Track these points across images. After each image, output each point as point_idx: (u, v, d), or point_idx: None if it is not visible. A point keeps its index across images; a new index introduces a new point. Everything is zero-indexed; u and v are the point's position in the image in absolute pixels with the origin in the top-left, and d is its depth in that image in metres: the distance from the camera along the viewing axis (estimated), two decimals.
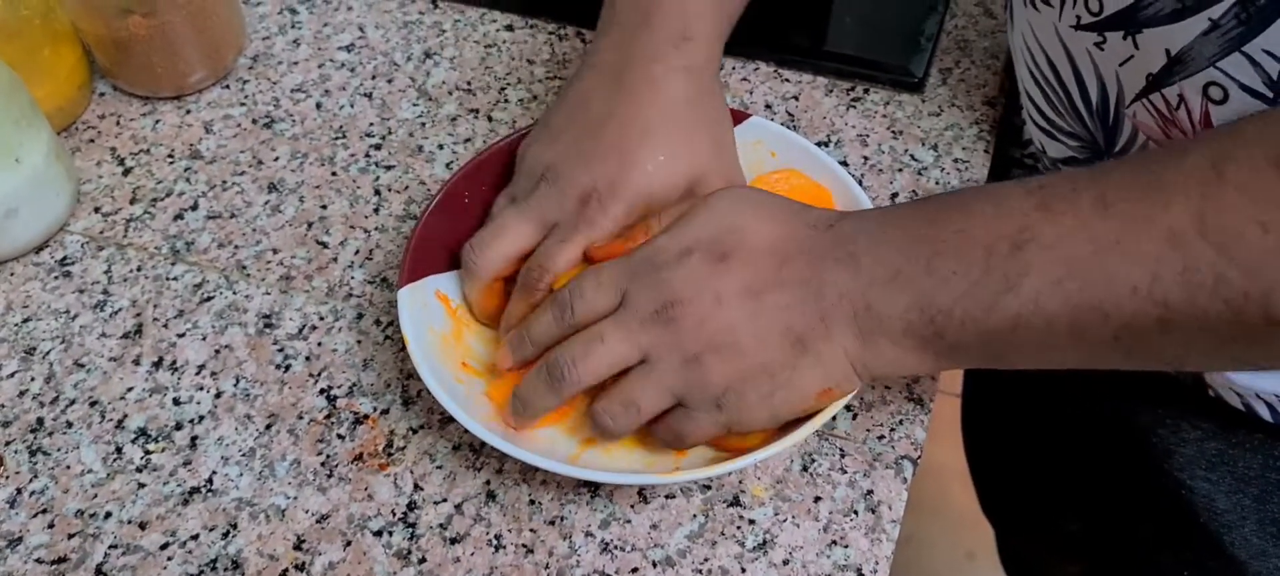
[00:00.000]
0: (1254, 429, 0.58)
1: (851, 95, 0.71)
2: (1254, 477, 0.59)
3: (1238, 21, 0.45)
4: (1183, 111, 0.50)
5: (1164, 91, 0.50)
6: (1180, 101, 0.50)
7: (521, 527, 0.52)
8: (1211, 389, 0.58)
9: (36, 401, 0.56)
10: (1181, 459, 0.61)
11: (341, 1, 0.78)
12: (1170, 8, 0.47)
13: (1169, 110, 0.50)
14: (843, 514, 0.52)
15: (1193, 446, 0.61)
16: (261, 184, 0.66)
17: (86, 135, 0.69)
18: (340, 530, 0.51)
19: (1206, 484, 0.60)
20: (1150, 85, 0.51)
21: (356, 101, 0.71)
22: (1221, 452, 0.60)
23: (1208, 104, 0.49)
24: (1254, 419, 0.57)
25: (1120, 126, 0.55)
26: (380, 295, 0.60)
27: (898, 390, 0.56)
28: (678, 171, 0.55)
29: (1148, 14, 0.49)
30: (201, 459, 0.54)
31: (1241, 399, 0.57)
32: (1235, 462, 0.59)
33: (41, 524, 0.52)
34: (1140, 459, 0.63)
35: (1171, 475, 0.61)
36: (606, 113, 0.55)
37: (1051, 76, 0.58)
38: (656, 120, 0.55)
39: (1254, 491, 0.59)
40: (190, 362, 0.57)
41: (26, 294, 0.61)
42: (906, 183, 0.65)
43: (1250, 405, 0.57)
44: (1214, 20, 0.46)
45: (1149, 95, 0.51)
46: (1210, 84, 0.48)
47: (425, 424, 0.55)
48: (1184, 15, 0.47)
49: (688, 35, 0.57)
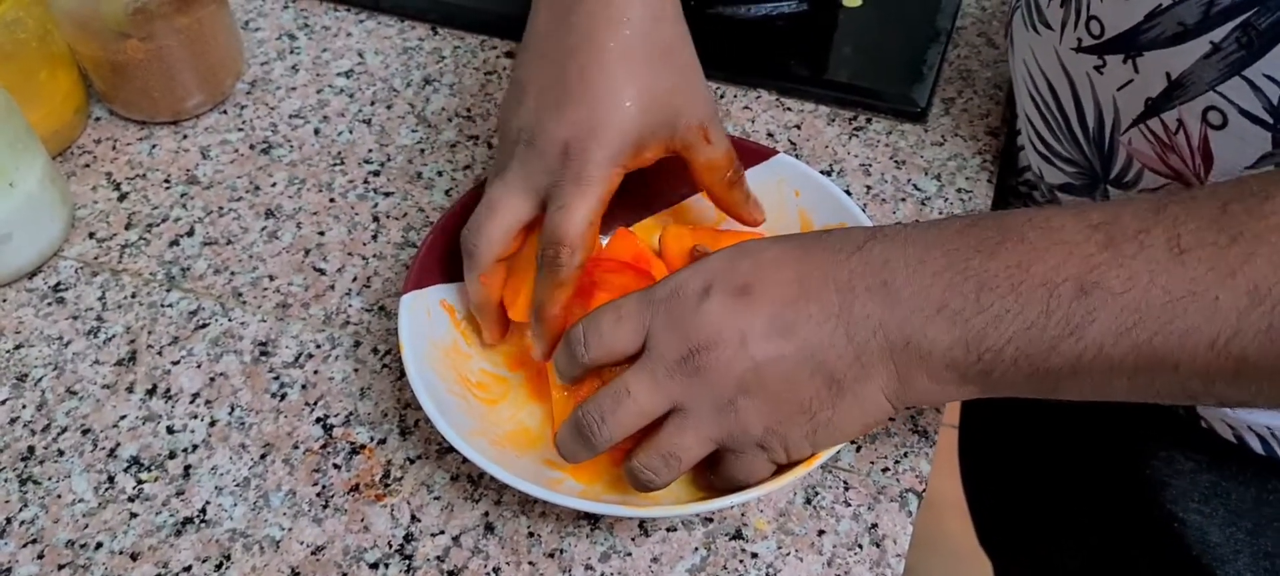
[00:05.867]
0: (1246, 462, 0.57)
1: (854, 124, 0.70)
2: (1247, 511, 0.58)
3: (1239, 45, 0.45)
4: (1182, 136, 0.49)
5: (1162, 116, 0.50)
6: (1179, 126, 0.49)
7: (520, 560, 0.51)
8: (1204, 420, 0.57)
9: (28, 429, 0.55)
10: (1175, 491, 0.60)
11: (341, 27, 0.77)
12: (1172, 31, 0.47)
13: (1167, 136, 0.50)
14: (847, 548, 0.51)
15: (1186, 478, 0.60)
16: (258, 210, 0.65)
17: (82, 160, 0.68)
18: (335, 562, 0.50)
19: (1199, 517, 0.59)
20: (1149, 110, 0.50)
21: (355, 127, 0.70)
22: (1215, 485, 0.59)
23: (1207, 129, 0.48)
24: (1246, 451, 0.56)
25: (1115, 154, 0.54)
26: (378, 323, 0.60)
27: (902, 422, 0.55)
28: (649, 108, 0.52)
29: (1149, 37, 0.49)
30: (195, 489, 0.53)
31: (1233, 431, 0.56)
32: (1228, 495, 0.59)
33: (31, 554, 0.51)
34: (1135, 491, 0.62)
35: (1165, 507, 0.60)
36: (566, 53, 0.52)
37: (1051, 101, 0.57)
38: (620, 58, 0.52)
39: (1247, 525, 0.58)
40: (184, 390, 0.57)
41: (19, 320, 0.60)
42: (909, 212, 0.65)
43: (1242, 437, 0.56)
44: (1215, 43, 0.46)
45: (1147, 121, 0.51)
46: (1210, 109, 0.47)
47: (423, 454, 0.54)
48: (1185, 38, 0.47)
49: None
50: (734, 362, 0.45)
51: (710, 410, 0.45)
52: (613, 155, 0.52)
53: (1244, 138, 0.47)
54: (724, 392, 0.45)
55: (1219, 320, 0.39)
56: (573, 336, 0.48)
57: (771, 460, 0.47)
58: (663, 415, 0.47)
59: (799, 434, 0.46)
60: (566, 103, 0.52)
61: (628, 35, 0.52)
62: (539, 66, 0.53)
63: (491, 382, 0.55)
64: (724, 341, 0.45)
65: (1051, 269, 0.41)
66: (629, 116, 0.52)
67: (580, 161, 0.51)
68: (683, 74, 0.54)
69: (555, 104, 0.52)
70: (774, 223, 0.59)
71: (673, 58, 0.54)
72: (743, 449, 0.47)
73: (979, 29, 0.77)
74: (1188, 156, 0.50)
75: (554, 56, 0.53)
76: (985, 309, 0.42)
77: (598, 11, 0.52)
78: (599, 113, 0.51)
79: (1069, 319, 0.41)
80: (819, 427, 0.46)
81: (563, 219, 0.51)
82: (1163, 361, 0.40)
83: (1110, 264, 0.40)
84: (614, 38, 0.52)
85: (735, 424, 0.45)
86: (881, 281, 0.44)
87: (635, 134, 0.52)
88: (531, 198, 0.53)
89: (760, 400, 0.45)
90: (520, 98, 0.54)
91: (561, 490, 0.49)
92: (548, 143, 0.52)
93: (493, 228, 0.53)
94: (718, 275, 0.46)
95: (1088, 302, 0.40)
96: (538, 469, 0.52)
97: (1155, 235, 0.40)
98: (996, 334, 0.42)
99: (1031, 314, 0.41)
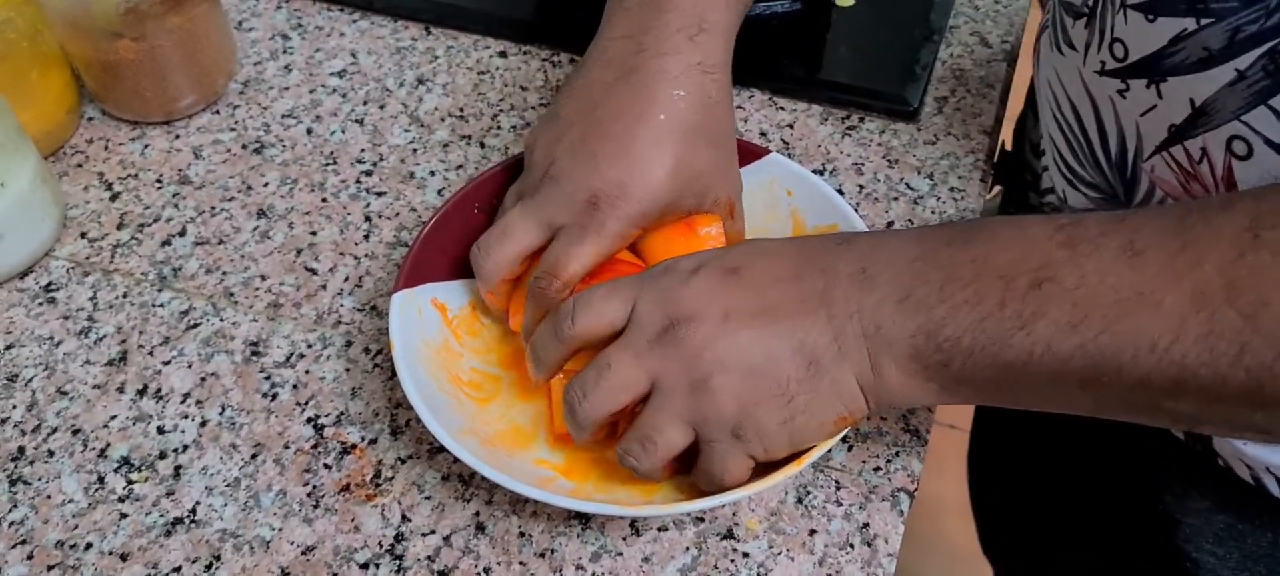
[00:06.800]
0: (1264, 505, 0.56)
1: (847, 123, 0.70)
2: (1263, 556, 0.57)
3: (1265, 73, 0.44)
4: (1205, 166, 0.48)
5: (1186, 144, 0.49)
6: (1202, 155, 0.48)
7: (511, 560, 0.51)
8: (1221, 459, 0.56)
9: (18, 429, 0.55)
10: (1188, 529, 0.59)
11: (334, 27, 0.77)
12: (1196, 56, 0.46)
13: (1191, 164, 0.49)
14: (838, 547, 0.51)
15: (1200, 517, 0.59)
16: (250, 210, 0.65)
17: (74, 160, 0.68)
18: (326, 562, 0.50)
19: (1213, 558, 0.58)
20: (1172, 137, 0.49)
21: (348, 127, 0.70)
22: (1230, 526, 0.58)
23: (1231, 159, 0.47)
24: (1264, 494, 0.55)
25: (1138, 181, 0.53)
26: (369, 323, 0.59)
27: (894, 421, 0.55)
28: (682, 182, 0.53)
29: (1172, 62, 0.48)
30: (185, 489, 0.53)
31: (1251, 472, 0.55)
32: (1244, 538, 0.57)
33: (20, 554, 0.51)
34: (1147, 525, 0.61)
35: (1178, 545, 0.59)
36: (615, 111, 0.53)
37: (1074, 123, 0.56)
38: (666, 129, 0.53)
39: (1262, 570, 0.57)
40: (175, 391, 0.56)
41: (10, 320, 0.60)
42: (902, 211, 0.65)
43: (1260, 479, 0.55)
44: (1240, 71, 0.45)
45: (1170, 148, 0.50)
46: (1234, 138, 0.46)
47: (414, 454, 0.54)
48: (1210, 65, 0.46)
49: (702, 26, 0.54)
50: (714, 338, 0.45)
51: (685, 388, 0.46)
52: (635, 218, 0.52)
53: (1269, 168, 0.46)
54: (701, 368, 0.45)
55: (1162, 322, 0.39)
56: (562, 309, 0.49)
57: (748, 454, 0.47)
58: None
59: (774, 420, 0.45)
60: (603, 158, 0.52)
61: (680, 110, 0.53)
62: (586, 110, 0.54)
63: (483, 381, 0.55)
64: (706, 316, 0.45)
65: (1011, 263, 0.42)
66: (660, 186, 0.52)
67: (603, 215, 0.52)
68: (720, 155, 0.55)
69: (592, 155, 0.52)
70: (766, 222, 0.59)
71: (714, 138, 0.55)
72: (716, 437, 0.46)
73: (972, 28, 0.77)
74: (1211, 186, 0.49)
75: (604, 107, 0.53)
76: (947, 298, 0.43)
77: (656, 80, 0.53)
78: (634, 176, 0.52)
79: (1021, 311, 0.41)
80: (795, 414, 0.45)
81: (567, 259, 0.52)
82: (1108, 362, 0.40)
83: (1066, 261, 0.41)
84: (666, 109, 0.53)
85: (709, 405, 0.45)
86: (862, 268, 0.45)
87: (663, 204, 0.53)
88: (545, 230, 0.53)
89: (736, 378, 0.45)
90: (560, 132, 0.54)
91: (553, 489, 0.49)
92: (576, 188, 0.52)
93: (502, 253, 0.54)
94: (711, 257, 0.47)
95: (1039, 296, 0.41)
96: (529, 468, 0.52)
97: (1113, 238, 0.40)
98: (955, 324, 0.42)
99: (988, 305, 0.42)
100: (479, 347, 0.56)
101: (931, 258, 0.44)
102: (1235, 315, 0.37)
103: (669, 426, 0.46)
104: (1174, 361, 0.39)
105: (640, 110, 0.53)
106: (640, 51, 0.54)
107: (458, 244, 0.57)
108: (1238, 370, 0.38)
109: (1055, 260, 0.41)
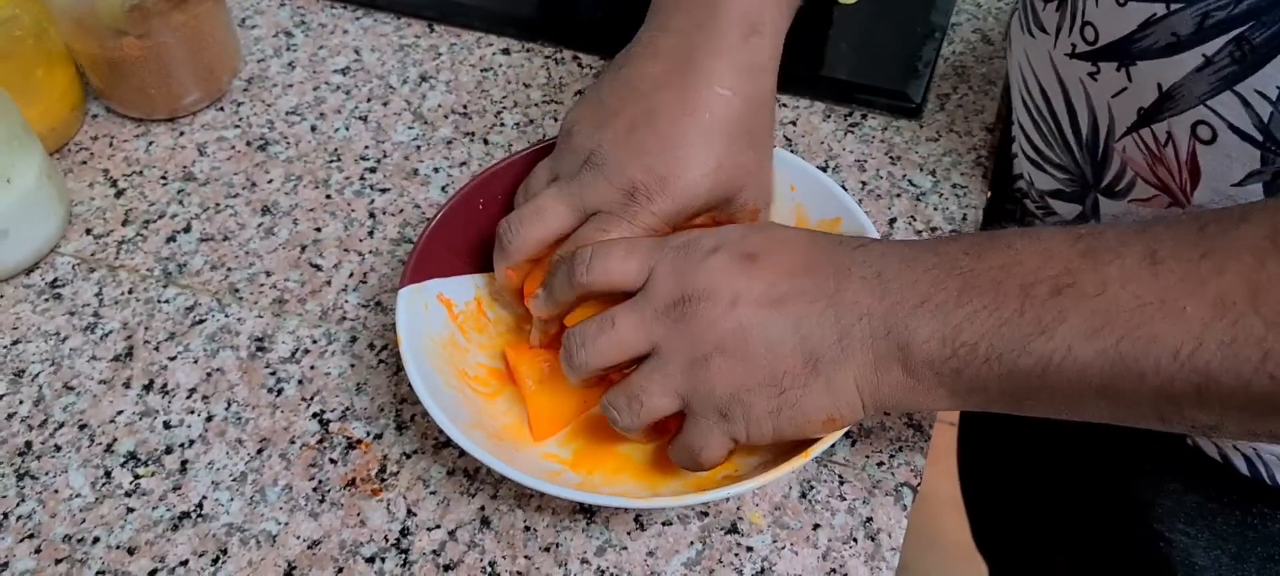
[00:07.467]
0: (1232, 483, 0.57)
1: (849, 120, 0.70)
2: (1231, 534, 0.58)
3: (1231, 60, 0.45)
4: (1170, 149, 0.49)
5: (1153, 127, 0.49)
6: (1168, 139, 0.49)
7: (516, 554, 0.51)
8: (1190, 438, 0.57)
9: (25, 424, 0.55)
10: (1161, 510, 0.60)
11: (337, 24, 0.77)
12: (1165, 41, 0.47)
13: (1157, 147, 0.50)
14: (842, 541, 0.51)
15: (1172, 498, 0.59)
16: (255, 206, 0.65)
17: (79, 156, 0.68)
18: (332, 556, 0.50)
19: (1185, 538, 0.59)
20: (1141, 120, 0.50)
21: (351, 124, 0.70)
22: (1200, 506, 0.58)
23: (1195, 143, 0.48)
24: (1231, 471, 0.56)
25: (1109, 161, 0.54)
26: (374, 319, 0.60)
27: (897, 417, 0.56)
28: (721, 183, 0.53)
29: (1141, 46, 0.48)
30: (191, 483, 0.53)
31: (1218, 449, 0.56)
32: (1213, 517, 0.58)
33: (28, 548, 0.51)
34: (1124, 508, 0.62)
35: (1151, 526, 0.60)
36: (663, 104, 0.53)
37: (1043, 106, 0.57)
38: (714, 127, 0.53)
39: (1232, 548, 0.58)
40: (181, 386, 0.57)
41: (16, 316, 0.60)
42: (904, 208, 0.65)
43: (1228, 457, 0.56)
44: (1207, 56, 0.45)
45: (1139, 130, 0.50)
46: (1199, 123, 0.47)
47: (419, 448, 0.54)
48: (1178, 49, 0.46)
49: (756, 28, 0.54)
50: (720, 320, 0.46)
51: (684, 361, 0.47)
52: (669, 214, 0.52)
53: (1232, 154, 0.47)
54: (702, 346, 0.46)
55: (1184, 330, 0.39)
56: (578, 256, 0.50)
57: (730, 436, 0.47)
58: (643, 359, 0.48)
59: (763, 408, 0.46)
60: (648, 150, 0.52)
61: (728, 111, 0.53)
62: (633, 101, 0.54)
63: (489, 376, 0.55)
64: (717, 297, 0.46)
65: (1031, 271, 0.42)
66: (699, 184, 0.52)
67: (640, 206, 0.52)
68: (757, 159, 0.55)
69: (638, 146, 0.52)
70: (770, 216, 0.59)
71: (755, 142, 0.55)
72: (703, 412, 0.47)
73: (974, 25, 0.78)
74: (1175, 170, 0.49)
75: (652, 99, 0.53)
76: (965, 304, 0.43)
77: (707, 79, 0.53)
78: (676, 171, 0.52)
79: (1042, 317, 0.41)
80: (784, 406, 0.46)
81: (598, 241, 0.51)
82: (1129, 370, 0.40)
83: (1086, 269, 0.41)
84: (712, 108, 0.53)
85: (703, 381, 0.46)
86: (876, 272, 0.45)
87: (699, 202, 0.53)
88: (579, 215, 0.53)
89: (735, 361, 0.46)
90: (604, 119, 0.54)
91: (560, 483, 0.49)
92: (617, 176, 0.52)
93: (532, 232, 0.53)
94: (730, 239, 0.48)
95: (1060, 302, 0.41)
96: (536, 462, 0.52)
97: (1132, 247, 0.41)
98: (972, 329, 0.43)
99: (1007, 310, 0.42)
100: (485, 343, 0.57)
101: (949, 265, 0.44)
102: (1259, 322, 0.37)
103: (659, 392, 0.47)
104: (1197, 368, 0.39)
105: (690, 107, 0.53)
106: (692, 49, 0.54)
107: (463, 240, 0.57)
108: (1261, 376, 0.38)
109: (1075, 268, 0.41)
